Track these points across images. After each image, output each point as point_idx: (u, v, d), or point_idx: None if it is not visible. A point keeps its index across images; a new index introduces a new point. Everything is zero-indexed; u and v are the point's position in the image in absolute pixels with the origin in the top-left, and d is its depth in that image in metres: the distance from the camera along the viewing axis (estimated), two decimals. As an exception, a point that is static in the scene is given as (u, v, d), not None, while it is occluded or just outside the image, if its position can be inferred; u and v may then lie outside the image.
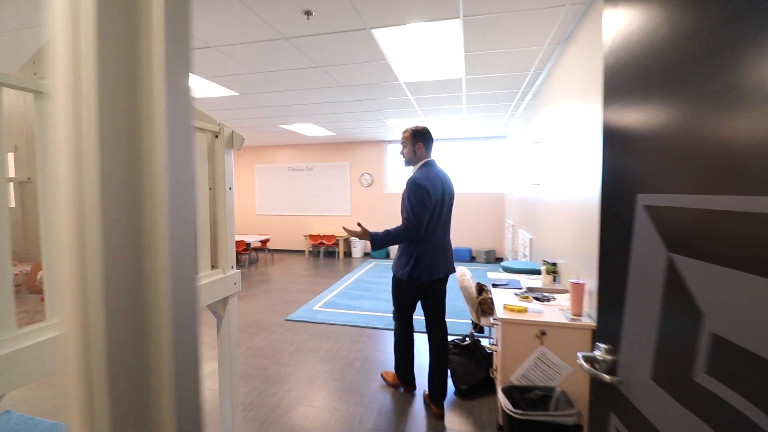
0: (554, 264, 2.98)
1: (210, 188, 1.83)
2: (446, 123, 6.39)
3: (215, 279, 1.76)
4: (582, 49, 2.54)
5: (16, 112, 2.19)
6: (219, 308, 1.82)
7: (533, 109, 4.45)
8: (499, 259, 7.96)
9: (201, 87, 4.04)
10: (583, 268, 2.40)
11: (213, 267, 1.83)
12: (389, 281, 2.76)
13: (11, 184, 2.27)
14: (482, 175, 8.24)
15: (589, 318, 2.19)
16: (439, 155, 8.33)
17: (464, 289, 3.07)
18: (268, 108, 5.13)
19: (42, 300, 1.44)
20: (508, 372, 2.24)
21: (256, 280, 6.48)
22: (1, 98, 1.06)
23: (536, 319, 2.20)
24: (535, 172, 4.14)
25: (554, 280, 2.94)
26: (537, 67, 3.58)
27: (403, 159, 2.66)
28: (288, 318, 4.49)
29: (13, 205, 2.30)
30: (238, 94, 4.33)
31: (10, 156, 2.26)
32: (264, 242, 8.24)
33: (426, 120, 6.06)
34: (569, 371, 2.16)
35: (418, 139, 2.58)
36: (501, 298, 2.54)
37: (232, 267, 1.87)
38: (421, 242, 2.47)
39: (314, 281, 6.35)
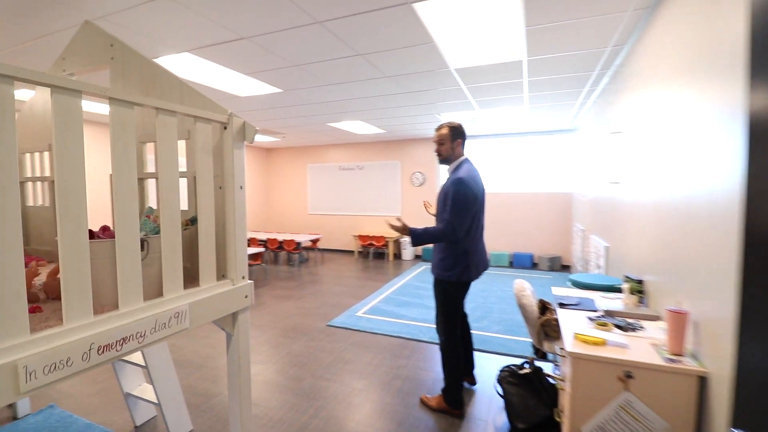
0: (640, 281, 2.41)
1: (220, 187, 1.60)
2: (505, 116, 5.81)
3: (222, 291, 1.53)
4: (683, 12, 1.96)
5: (49, 111, 2.17)
6: (227, 325, 1.59)
7: (611, 95, 3.78)
8: (565, 267, 7.16)
9: (243, 84, 3.96)
10: (685, 290, 1.85)
11: (222, 277, 1.61)
12: None
13: (45, 183, 2.27)
14: (547, 173, 7.47)
15: (693, 360, 1.65)
16: (498, 152, 7.72)
17: (523, 308, 2.59)
18: (314, 105, 4.97)
19: (32, 311, 1.29)
20: (579, 420, 1.76)
21: (305, 280, 6.42)
22: (11, 93, 0.92)
23: (619, 356, 1.70)
24: (613, 169, 3.50)
25: (640, 302, 2.36)
26: (617, 41, 2.97)
27: (439, 157, 2.57)
28: (329, 323, 4.28)
29: (47, 204, 2.30)
30: (281, 90, 4.20)
31: (46, 155, 2.26)
32: (315, 242, 8.21)
33: (483, 113, 5.54)
34: (665, 428, 1.64)
35: (457, 136, 2.50)
36: (570, 323, 2.05)
37: (243, 277, 1.63)
38: (469, 241, 2.43)
39: (361, 284, 6.12)
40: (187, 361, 3.35)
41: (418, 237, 2.42)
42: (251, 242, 7.78)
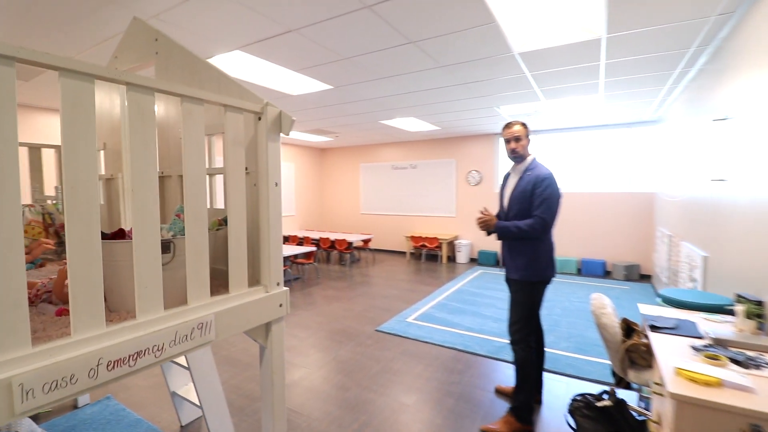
0: (759, 303, 1.92)
1: (255, 185, 1.46)
2: (574, 107, 5.24)
3: (254, 300, 1.38)
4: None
5: (103, 110, 2.21)
6: (259, 336, 1.44)
7: (711, 77, 3.17)
8: (644, 277, 6.34)
9: (295, 82, 3.91)
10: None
11: (256, 283, 1.47)
12: (498, 294, 2.65)
13: (100, 181, 2.32)
14: (623, 171, 6.68)
15: None
16: (563, 148, 7.09)
17: (603, 328, 2.19)
18: (365, 102, 4.83)
19: (59, 314, 1.23)
20: (684, 480, 1.38)
21: (356, 281, 6.32)
22: (12, 76, 0.83)
23: (742, 403, 1.30)
24: (715, 164, 2.92)
25: (760, 329, 1.87)
26: (725, 7, 2.44)
27: (515, 155, 2.45)
28: (378, 328, 4.10)
29: (102, 202, 2.35)
30: (332, 87, 4.09)
31: (100, 154, 2.31)
32: (366, 242, 8.12)
33: (548, 104, 5.04)
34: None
35: (529, 133, 2.47)
36: (668, 352, 1.66)
37: (278, 284, 1.48)
38: (550, 236, 2.43)
39: (412, 287, 5.88)
40: (236, 360, 3.35)
41: (505, 230, 2.37)
42: (305, 241, 7.87)
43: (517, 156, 2.43)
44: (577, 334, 3.84)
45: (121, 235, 1.40)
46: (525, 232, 2.30)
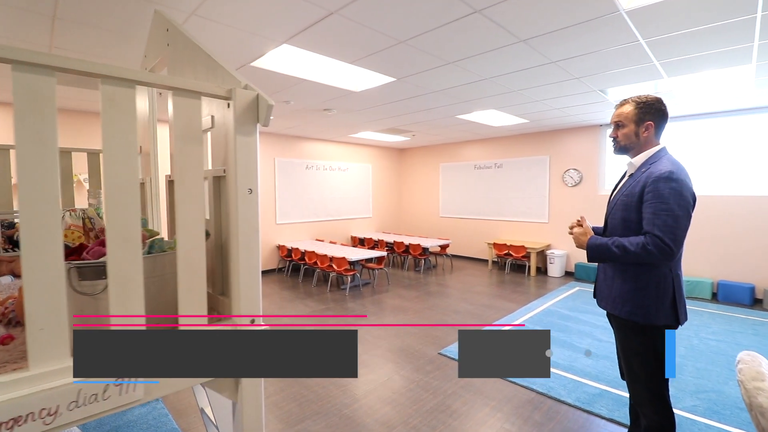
0: None
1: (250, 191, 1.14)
2: (711, 85, 4.02)
3: (216, 341, 1.06)
4: None
5: (140, 113, 2.15)
6: (226, 390, 1.12)
7: None
8: (820, 310, 4.67)
9: (353, 77, 3.62)
10: None
11: (224, 318, 1.15)
12: (597, 319, 2.01)
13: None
14: (784, 166, 5.03)
15: None
16: (693, 140, 5.67)
17: (759, 411, 1.41)
18: (435, 94, 4.33)
19: (2, 341, 1.06)
20: None
21: (429, 291, 5.85)
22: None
23: None
24: None
25: None
26: None
27: (614, 144, 1.83)
28: (442, 351, 3.59)
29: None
30: (395, 79, 3.71)
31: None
32: (444, 247, 7.57)
33: (671, 83, 3.95)
34: None
35: (648, 116, 1.72)
36: None
37: (253, 321, 1.14)
38: (677, 262, 1.68)
39: (490, 303, 5.19)
40: (284, 373, 3.17)
41: (602, 249, 1.68)
42: (379, 244, 7.64)
43: (619, 147, 1.80)
44: (710, 388, 2.83)
45: (81, 250, 1.20)
46: (631, 255, 1.60)
